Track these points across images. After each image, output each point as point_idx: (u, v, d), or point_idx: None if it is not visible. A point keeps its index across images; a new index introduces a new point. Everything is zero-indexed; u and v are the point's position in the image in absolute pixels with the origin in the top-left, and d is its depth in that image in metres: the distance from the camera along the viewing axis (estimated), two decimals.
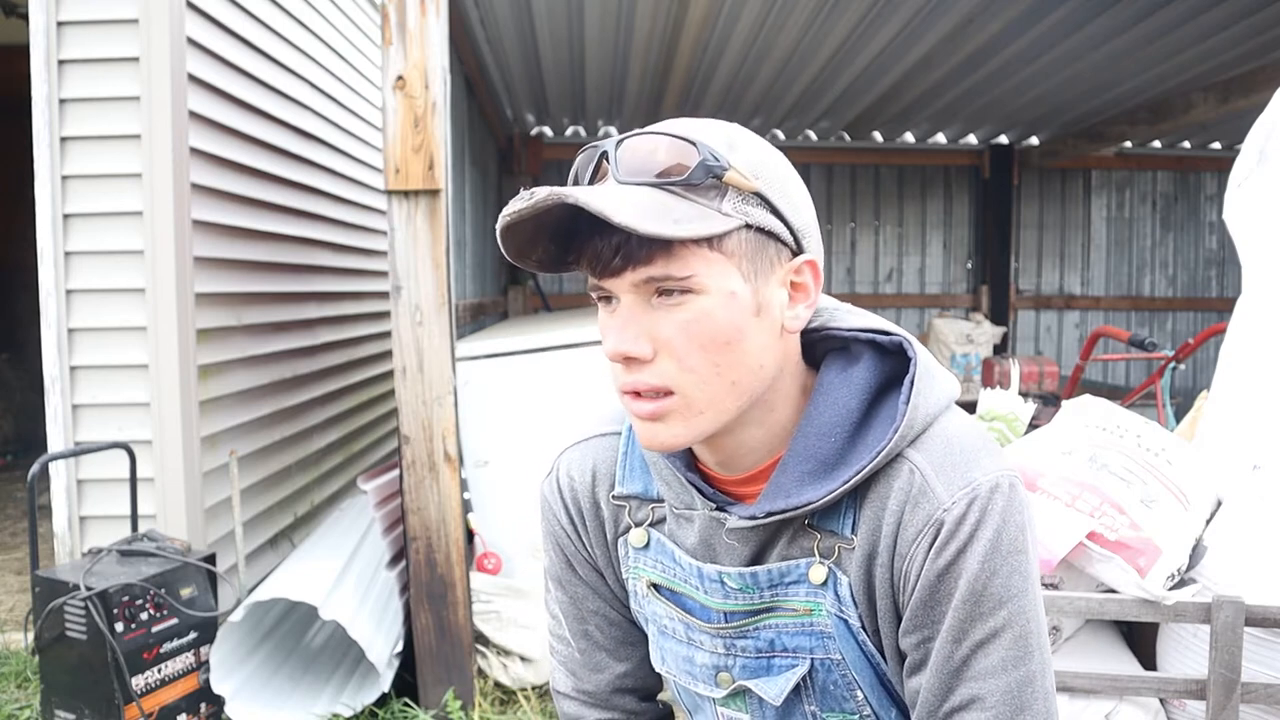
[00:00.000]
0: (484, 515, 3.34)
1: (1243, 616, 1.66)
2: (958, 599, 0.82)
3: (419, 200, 2.67)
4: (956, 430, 0.87)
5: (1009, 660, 0.82)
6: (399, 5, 2.61)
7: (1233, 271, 7.50)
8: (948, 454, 0.85)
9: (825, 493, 0.84)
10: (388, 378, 5.59)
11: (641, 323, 0.80)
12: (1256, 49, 4.55)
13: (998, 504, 0.82)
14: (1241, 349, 2.10)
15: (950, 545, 0.82)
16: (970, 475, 0.83)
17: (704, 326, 0.79)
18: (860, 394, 0.87)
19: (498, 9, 4.16)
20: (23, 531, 4.60)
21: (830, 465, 0.85)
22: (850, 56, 4.83)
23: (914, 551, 0.83)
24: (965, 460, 0.84)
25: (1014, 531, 0.82)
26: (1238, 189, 2.16)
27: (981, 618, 0.82)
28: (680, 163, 0.79)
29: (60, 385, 3.14)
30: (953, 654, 0.83)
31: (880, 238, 7.53)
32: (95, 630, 2.44)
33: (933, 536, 0.82)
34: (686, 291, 0.79)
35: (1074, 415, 2.08)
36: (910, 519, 0.84)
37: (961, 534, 0.82)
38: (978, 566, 0.81)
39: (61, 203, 3.11)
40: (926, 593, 0.83)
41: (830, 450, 0.85)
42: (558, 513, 1.03)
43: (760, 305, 0.82)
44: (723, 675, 0.95)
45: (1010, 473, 0.84)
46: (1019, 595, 0.82)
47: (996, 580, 0.82)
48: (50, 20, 3.06)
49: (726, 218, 0.79)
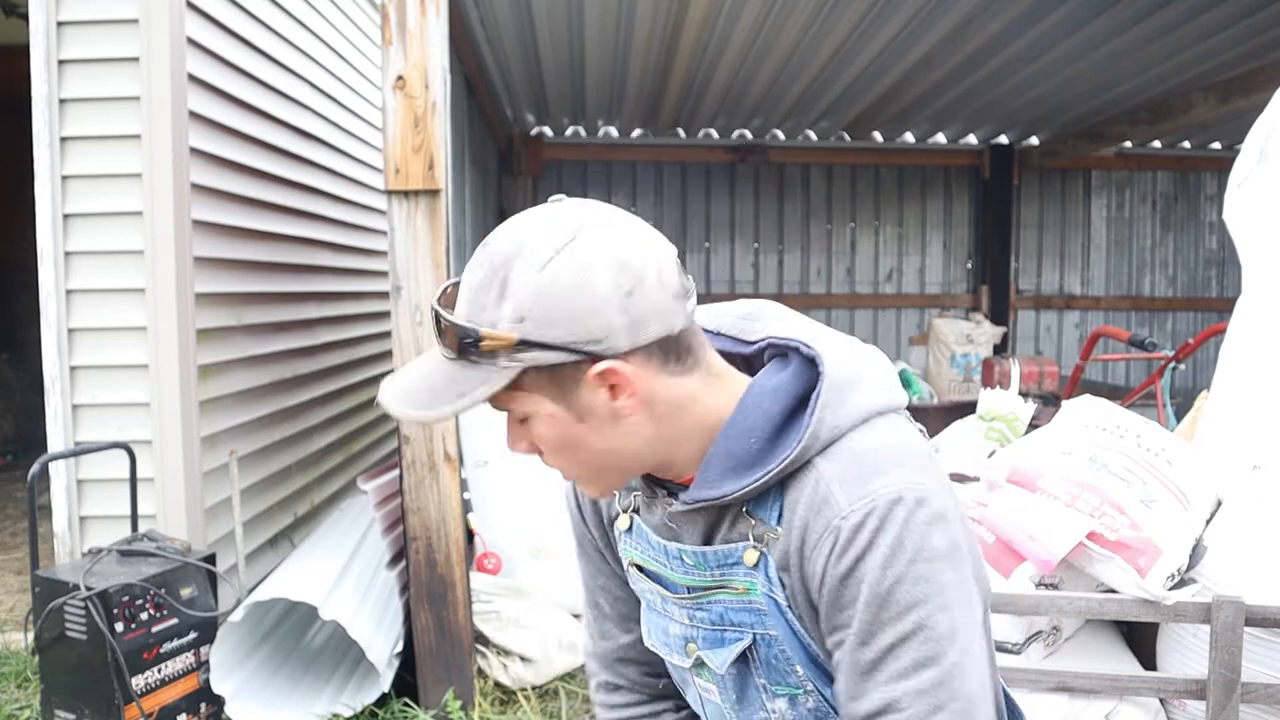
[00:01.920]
0: (484, 515, 3.34)
1: (1243, 616, 1.66)
2: (860, 604, 0.86)
3: (419, 200, 2.67)
4: (868, 444, 0.91)
5: (919, 662, 0.85)
6: (399, 5, 2.61)
7: (1233, 271, 7.49)
8: (853, 465, 0.90)
9: (739, 488, 0.92)
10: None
11: (516, 431, 0.95)
12: (1256, 49, 4.55)
13: (898, 515, 0.86)
14: (1241, 349, 2.10)
15: (848, 552, 0.87)
16: (870, 487, 0.88)
17: (547, 440, 0.93)
18: (783, 400, 0.94)
19: (498, 9, 4.16)
20: (23, 531, 4.60)
21: (748, 464, 0.92)
22: (850, 56, 4.83)
23: (815, 556, 0.89)
24: (869, 472, 0.89)
25: (916, 540, 0.86)
26: (1238, 189, 2.16)
27: (887, 623, 0.86)
28: (449, 339, 0.89)
29: (60, 385, 3.14)
30: (859, 658, 0.88)
31: (880, 238, 7.53)
32: (95, 630, 2.44)
33: (831, 543, 0.88)
34: (525, 418, 0.92)
35: (1074, 415, 2.08)
36: (813, 525, 0.90)
37: (859, 541, 0.86)
38: (878, 573, 0.85)
39: (61, 203, 3.11)
40: (831, 597, 0.89)
41: (749, 451, 0.92)
42: (570, 501, 1.19)
43: (581, 413, 0.91)
44: (690, 645, 1.05)
45: (918, 486, 0.88)
46: (926, 601, 0.85)
47: (901, 587, 0.85)
48: (50, 20, 3.05)
49: (506, 370, 0.88)
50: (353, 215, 5.10)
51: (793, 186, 7.39)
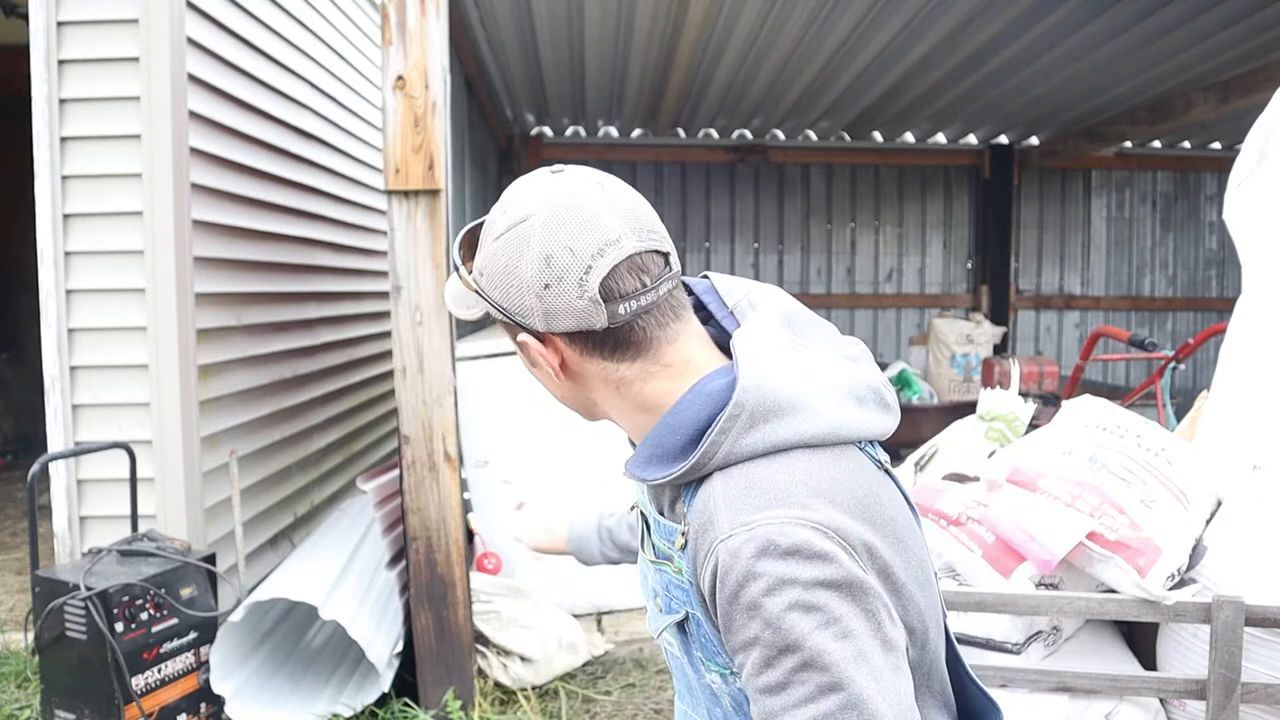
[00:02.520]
0: (484, 515, 3.34)
1: (1243, 616, 1.66)
2: (754, 629, 0.85)
3: (419, 200, 2.67)
4: (767, 475, 0.89)
5: (824, 688, 0.82)
6: (399, 5, 2.61)
7: (1233, 271, 7.50)
8: (743, 492, 0.88)
9: (654, 477, 0.96)
10: (388, 378, 5.59)
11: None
12: (1256, 49, 4.55)
13: (779, 546, 0.84)
14: (1241, 349, 2.10)
15: (730, 578, 0.85)
16: (754, 515, 0.86)
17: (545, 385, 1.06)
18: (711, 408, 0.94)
19: (498, 9, 4.16)
20: (23, 531, 4.60)
21: (669, 458, 0.95)
22: (850, 56, 4.83)
23: (704, 573, 0.90)
24: (759, 501, 0.87)
25: (803, 573, 0.83)
26: (1238, 189, 2.16)
27: (785, 650, 0.83)
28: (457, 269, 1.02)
29: (60, 385, 3.14)
30: (762, 681, 0.85)
31: (880, 238, 7.53)
32: (95, 630, 2.44)
33: (713, 566, 0.87)
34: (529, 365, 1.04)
35: (1074, 415, 2.08)
36: (700, 542, 0.90)
37: (738, 569, 0.85)
38: (762, 599, 0.83)
39: (61, 203, 3.11)
40: (724, 620, 0.88)
41: (672, 444, 0.95)
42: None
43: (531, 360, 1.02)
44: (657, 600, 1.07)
45: (809, 523, 0.85)
46: (824, 628, 0.83)
47: (791, 615, 0.83)
48: (50, 20, 3.05)
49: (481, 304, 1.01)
50: (353, 215, 5.10)
51: (793, 186, 7.40)
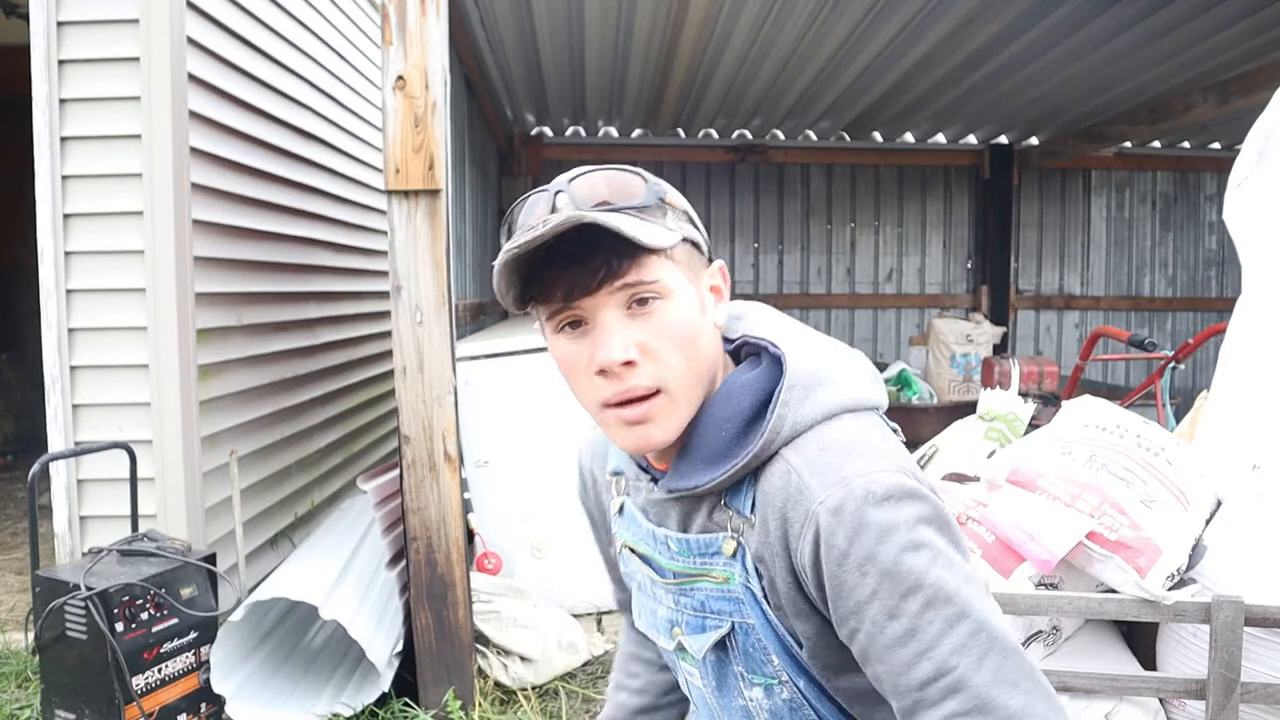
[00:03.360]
0: (484, 515, 3.34)
1: (1242, 616, 1.66)
2: (871, 584, 0.85)
3: (419, 200, 2.67)
4: (835, 435, 0.93)
5: (951, 619, 0.84)
6: (399, 5, 2.61)
7: (1233, 271, 7.50)
8: (821, 454, 0.91)
9: (711, 479, 0.95)
10: (388, 378, 5.59)
11: (627, 331, 0.91)
12: (1256, 49, 4.55)
13: (876, 493, 0.86)
14: (1241, 349, 2.10)
15: (837, 537, 0.86)
16: (843, 472, 0.89)
17: (676, 326, 0.92)
18: (753, 395, 0.97)
19: (498, 9, 4.16)
20: (23, 531, 4.60)
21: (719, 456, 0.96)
22: (850, 56, 4.83)
23: (801, 546, 0.90)
24: (839, 460, 0.90)
25: (905, 512, 0.86)
26: (1237, 189, 2.16)
27: (907, 594, 0.84)
28: (632, 189, 0.94)
29: (60, 385, 3.14)
30: (890, 632, 0.85)
31: (880, 238, 7.53)
32: (95, 630, 2.44)
33: (814, 531, 0.88)
34: (656, 297, 0.92)
35: (1074, 415, 2.08)
36: (792, 515, 0.91)
37: (845, 525, 0.86)
38: (877, 549, 0.85)
39: (61, 203, 3.11)
40: (835, 585, 0.88)
41: (720, 442, 0.96)
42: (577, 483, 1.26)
43: (702, 303, 0.97)
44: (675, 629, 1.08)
45: (891, 468, 0.89)
46: (934, 563, 0.85)
47: (906, 557, 0.85)
48: (50, 20, 3.06)
49: (672, 232, 0.94)
50: (353, 215, 5.10)
51: (793, 186, 7.40)
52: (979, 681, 0.82)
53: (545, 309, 0.94)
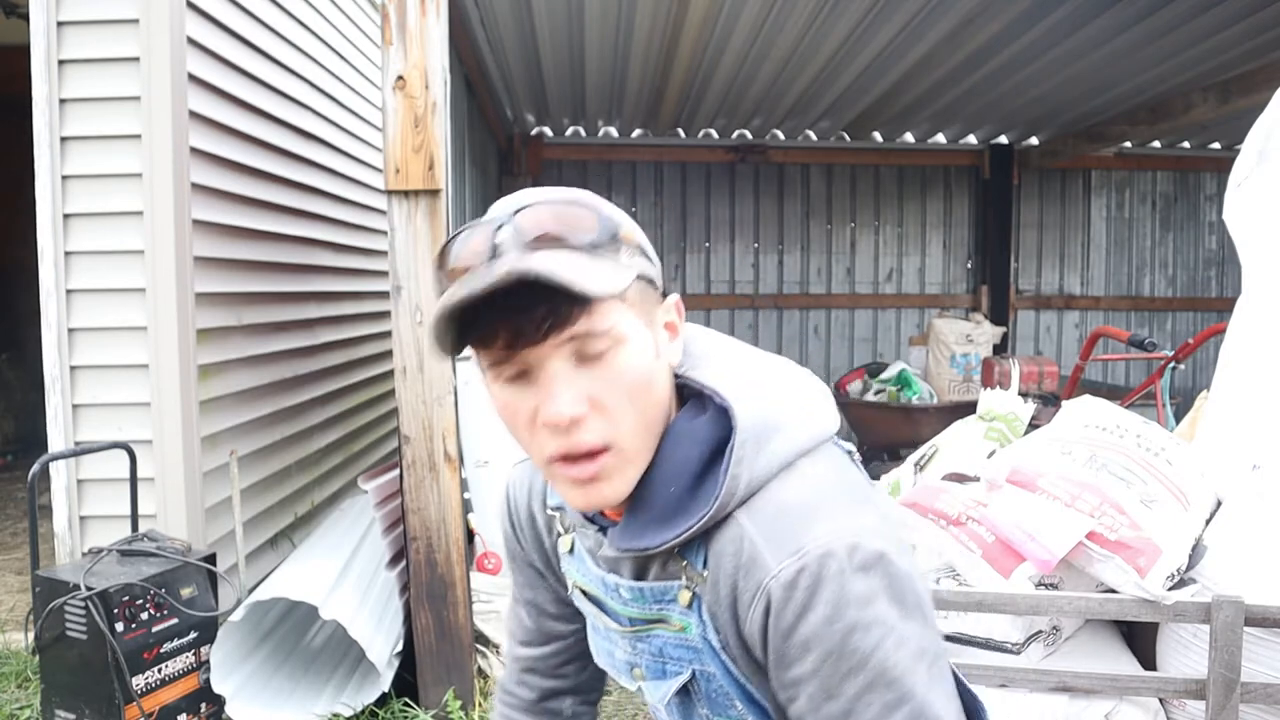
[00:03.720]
0: (484, 515, 3.34)
1: (1242, 616, 1.66)
2: (813, 661, 0.83)
3: (419, 200, 2.67)
4: (791, 494, 0.87)
5: (889, 705, 0.82)
6: (399, 5, 2.61)
7: (1233, 271, 7.49)
8: (777, 520, 0.85)
9: (662, 542, 0.88)
10: (388, 378, 5.59)
11: (575, 383, 0.83)
12: (1256, 49, 4.55)
13: (831, 567, 0.82)
14: (1241, 349, 2.10)
15: (786, 612, 0.83)
16: (799, 541, 0.83)
17: (629, 376, 0.85)
18: (701, 446, 0.90)
19: (498, 9, 4.16)
20: (23, 531, 4.60)
21: (669, 516, 0.89)
22: (850, 56, 4.83)
23: (750, 616, 0.86)
24: (795, 526, 0.84)
25: (857, 588, 0.82)
26: (1237, 189, 2.16)
27: (848, 675, 0.82)
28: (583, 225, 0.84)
29: (60, 385, 3.14)
30: (827, 711, 0.84)
31: (880, 238, 7.52)
32: (95, 630, 2.44)
33: (764, 604, 0.84)
34: (611, 344, 0.83)
35: (1074, 415, 2.08)
36: (743, 585, 0.86)
37: (795, 600, 0.82)
38: (824, 629, 0.82)
39: (61, 203, 3.11)
40: (777, 656, 0.85)
41: (670, 500, 0.89)
42: (504, 519, 1.16)
43: (656, 346, 0.88)
44: (636, 670, 1.04)
45: (849, 533, 0.84)
46: (881, 643, 0.82)
47: (853, 637, 0.82)
48: (50, 20, 3.06)
49: (626, 270, 0.85)
50: (353, 215, 5.10)
51: (793, 186, 7.39)
52: None
53: (485, 356, 0.85)
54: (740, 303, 7.31)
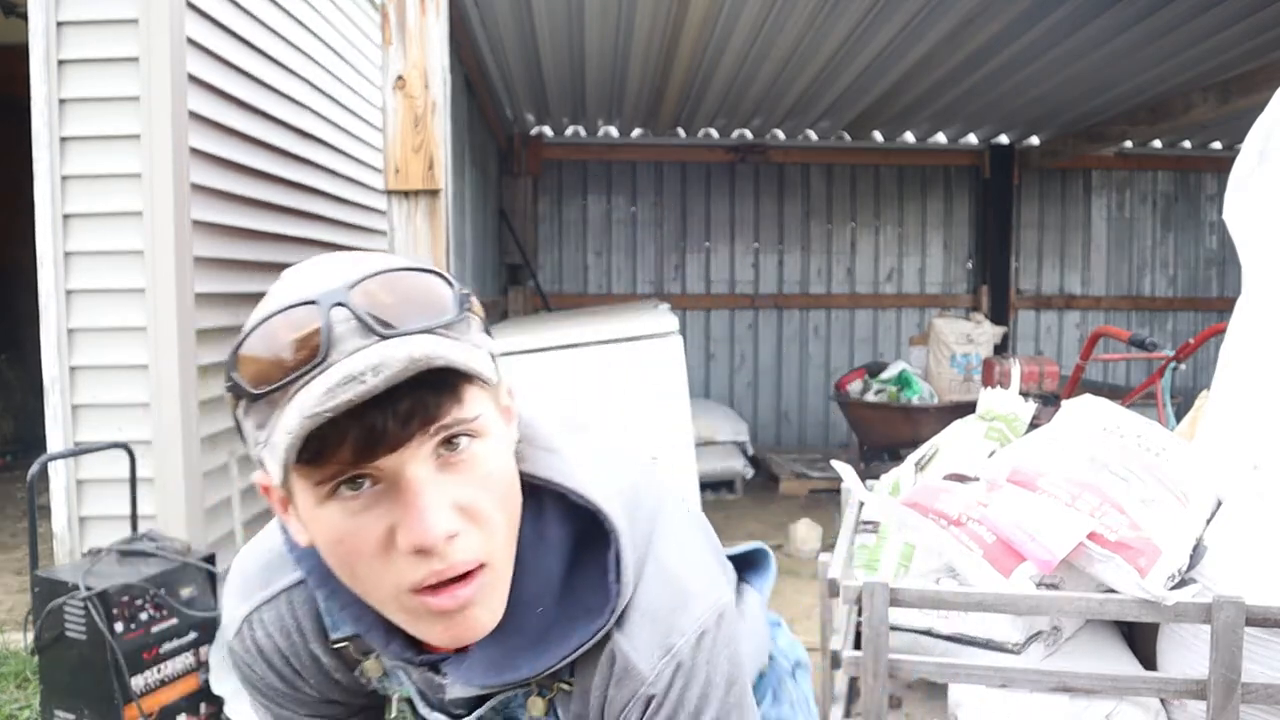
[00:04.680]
0: None
1: (1243, 616, 1.66)
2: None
3: (419, 200, 2.66)
4: (653, 593, 0.82)
5: None
6: (399, 5, 2.61)
7: (1233, 271, 7.49)
8: (647, 627, 0.81)
9: (538, 671, 0.80)
10: None
11: (444, 492, 0.69)
12: (1256, 49, 4.55)
13: (701, 658, 0.81)
14: (1241, 349, 2.10)
15: (660, 713, 0.80)
16: (670, 641, 0.80)
17: (496, 475, 0.73)
18: (560, 555, 0.82)
19: (498, 9, 4.16)
20: (23, 531, 4.59)
21: (540, 637, 0.80)
22: (850, 56, 4.83)
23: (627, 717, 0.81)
24: (665, 628, 0.81)
25: (719, 672, 0.82)
26: (1238, 189, 2.16)
27: None
28: (441, 300, 0.70)
29: (60, 385, 3.14)
30: None
31: (880, 238, 7.52)
32: (95, 630, 2.44)
33: (641, 710, 0.81)
34: (473, 437, 0.70)
35: (1074, 415, 2.08)
36: (616, 696, 0.81)
37: (670, 701, 0.80)
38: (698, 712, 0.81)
39: (61, 203, 3.11)
40: None
41: (539, 622, 0.80)
42: (265, 674, 0.92)
43: (509, 437, 0.77)
44: None
45: (708, 612, 0.82)
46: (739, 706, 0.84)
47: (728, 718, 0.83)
48: (50, 20, 3.05)
49: (478, 349, 0.72)
50: (352, 215, 5.10)
51: (793, 186, 7.39)
52: None
53: (317, 473, 0.67)
54: (740, 303, 7.31)
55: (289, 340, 0.66)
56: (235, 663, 0.92)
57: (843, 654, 1.75)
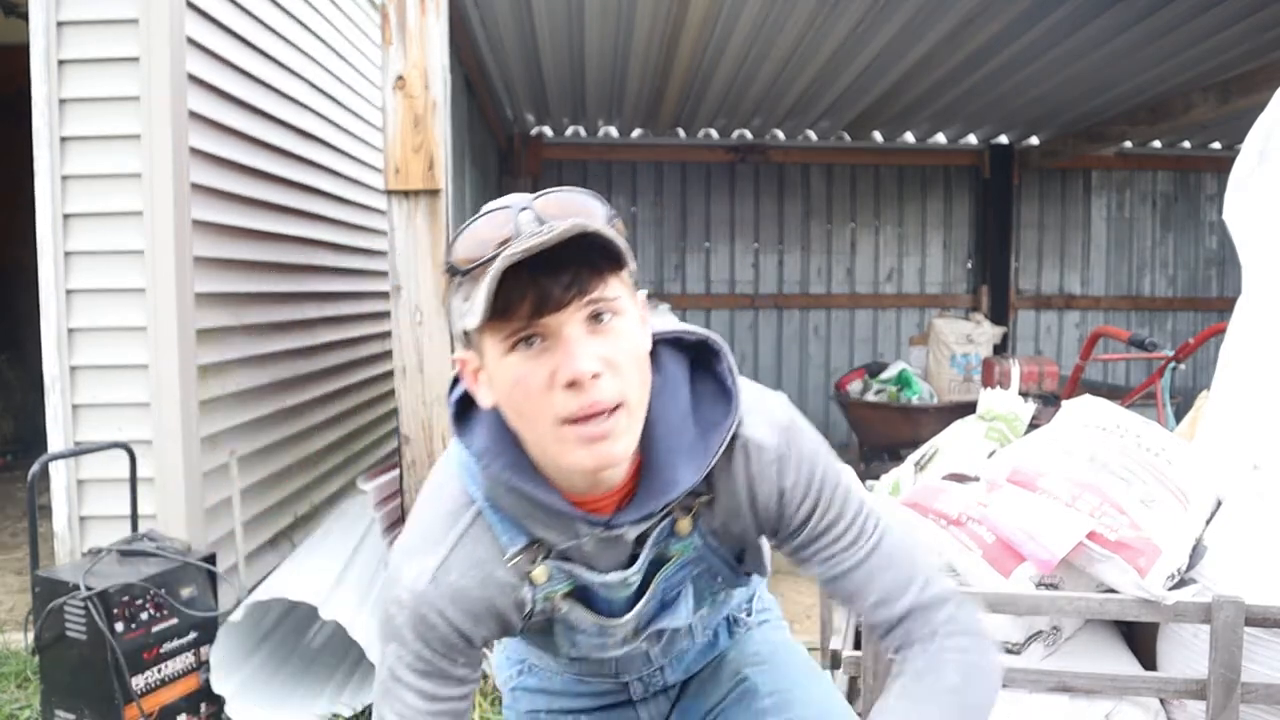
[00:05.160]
0: None
1: (1243, 616, 1.66)
2: (810, 500, 1.08)
3: (419, 200, 2.66)
4: (749, 395, 1.08)
5: (855, 509, 1.10)
6: (399, 5, 2.61)
7: (1233, 271, 7.49)
8: (755, 415, 1.06)
9: (698, 470, 1.02)
10: (388, 378, 5.59)
11: (590, 345, 0.92)
12: (1256, 49, 4.55)
13: (799, 430, 1.09)
14: (1241, 349, 2.10)
15: (786, 473, 1.06)
16: (776, 419, 1.08)
17: (630, 342, 0.95)
18: (683, 387, 1.06)
19: (498, 9, 4.16)
20: (23, 531, 4.60)
21: (687, 453, 1.03)
22: (850, 56, 4.83)
23: (761, 486, 1.07)
24: (767, 413, 1.08)
25: (814, 436, 1.10)
26: (1238, 189, 2.16)
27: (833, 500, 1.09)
28: (594, 211, 0.96)
29: (60, 385, 3.14)
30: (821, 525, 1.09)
31: (880, 238, 7.52)
32: (95, 630, 2.44)
33: (775, 471, 1.06)
34: (614, 315, 0.94)
35: (1074, 415, 2.08)
36: (759, 487, 1.07)
37: (790, 461, 1.06)
38: (813, 474, 1.08)
39: (61, 203, 3.11)
40: (778, 509, 1.08)
41: (687, 441, 1.03)
42: (454, 617, 1.04)
43: (643, 322, 1.00)
44: (628, 636, 1.16)
45: (786, 402, 1.11)
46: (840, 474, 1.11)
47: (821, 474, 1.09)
48: (50, 20, 3.05)
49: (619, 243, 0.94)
50: (353, 215, 5.10)
51: (793, 186, 7.39)
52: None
53: (504, 328, 0.91)
54: (740, 303, 7.31)
55: (488, 231, 0.93)
56: (412, 621, 1.03)
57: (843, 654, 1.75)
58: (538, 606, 1.09)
